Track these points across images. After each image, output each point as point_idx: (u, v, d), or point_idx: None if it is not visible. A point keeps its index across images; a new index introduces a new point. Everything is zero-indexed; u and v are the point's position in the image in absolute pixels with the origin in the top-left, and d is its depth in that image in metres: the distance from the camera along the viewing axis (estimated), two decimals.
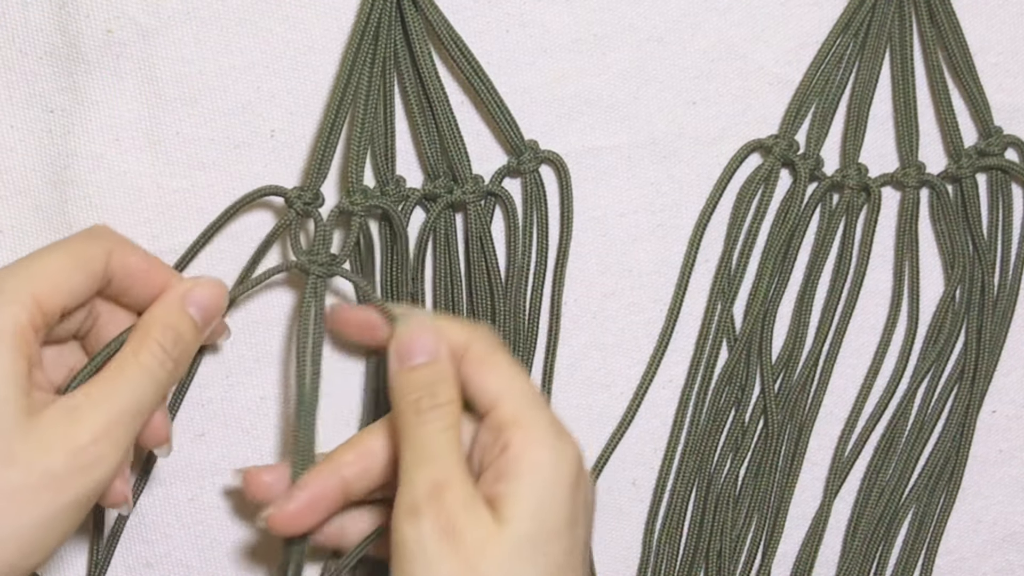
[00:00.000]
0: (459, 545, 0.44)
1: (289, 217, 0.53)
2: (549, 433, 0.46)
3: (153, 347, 0.46)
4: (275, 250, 0.55)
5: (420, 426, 0.46)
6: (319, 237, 0.52)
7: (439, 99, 0.53)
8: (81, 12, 0.52)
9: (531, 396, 0.48)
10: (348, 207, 0.52)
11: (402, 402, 0.47)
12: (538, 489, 0.45)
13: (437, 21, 0.53)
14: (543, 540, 0.44)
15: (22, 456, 0.42)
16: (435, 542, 0.44)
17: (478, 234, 0.54)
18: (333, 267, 0.51)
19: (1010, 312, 0.59)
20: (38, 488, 0.42)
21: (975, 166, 0.58)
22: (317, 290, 0.51)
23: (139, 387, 0.46)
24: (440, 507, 0.44)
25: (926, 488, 0.60)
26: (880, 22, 0.57)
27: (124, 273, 0.48)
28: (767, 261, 0.58)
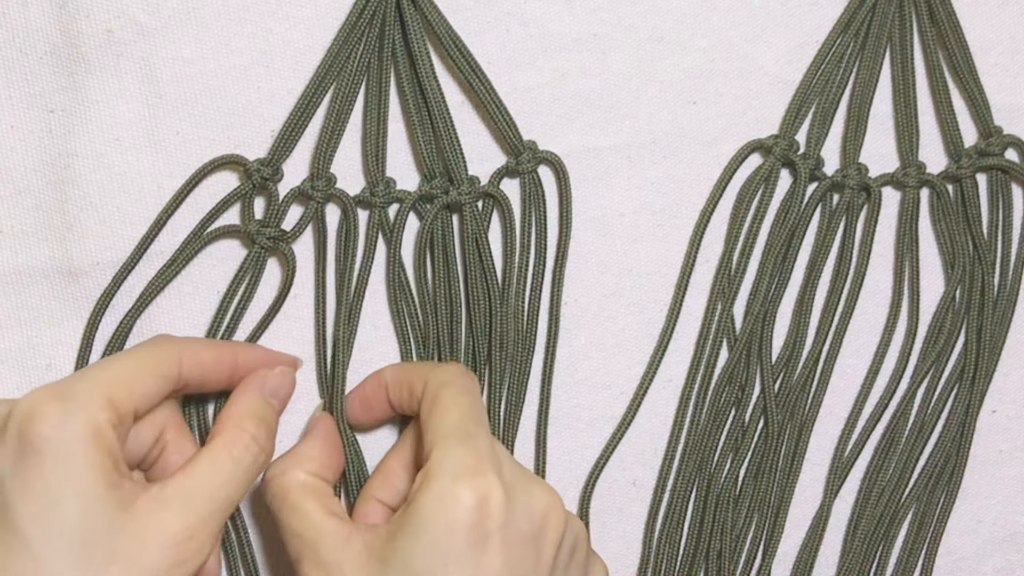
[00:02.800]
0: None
1: (246, 187, 0.53)
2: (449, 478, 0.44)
3: (248, 441, 0.47)
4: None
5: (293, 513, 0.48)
6: (271, 210, 0.53)
7: (436, 99, 0.53)
8: (81, 12, 0.52)
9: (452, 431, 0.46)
10: (307, 190, 0.53)
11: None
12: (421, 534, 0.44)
13: (436, 20, 0.53)
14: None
15: (121, 551, 0.42)
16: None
17: (474, 236, 0.54)
18: (279, 241, 0.53)
19: (1010, 312, 0.59)
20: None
21: (975, 166, 0.58)
22: (258, 260, 0.53)
23: (232, 480, 0.46)
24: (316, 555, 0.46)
25: (926, 488, 0.60)
26: (880, 22, 0.57)
27: (199, 370, 0.49)
28: (767, 261, 0.58)
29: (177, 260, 0.53)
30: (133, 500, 0.44)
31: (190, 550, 0.44)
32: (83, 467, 0.43)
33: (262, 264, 0.54)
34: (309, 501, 0.48)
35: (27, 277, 0.53)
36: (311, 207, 0.53)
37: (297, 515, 0.47)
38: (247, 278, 0.54)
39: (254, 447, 0.47)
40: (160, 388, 0.47)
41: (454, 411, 0.48)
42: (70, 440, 0.43)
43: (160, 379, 0.47)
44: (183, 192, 0.53)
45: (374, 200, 0.53)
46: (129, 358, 0.47)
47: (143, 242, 0.53)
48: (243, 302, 0.54)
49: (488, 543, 0.44)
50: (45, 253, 0.53)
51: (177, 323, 0.55)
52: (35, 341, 0.54)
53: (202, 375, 0.49)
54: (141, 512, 0.43)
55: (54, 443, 0.43)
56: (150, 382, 0.46)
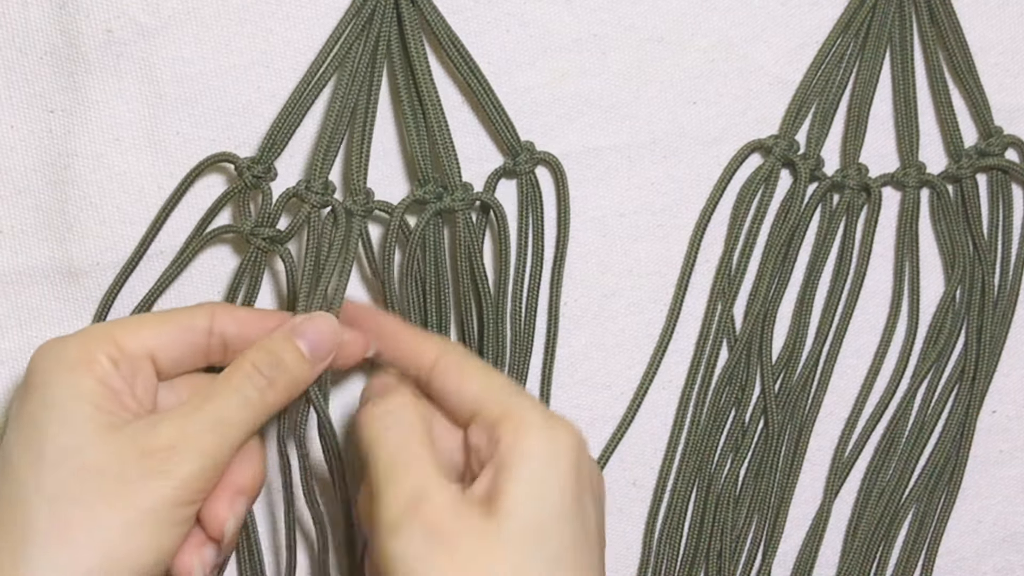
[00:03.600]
0: (453, 551, 0.43)
1: (238, 186, 0.53)
2: (539, 421, 0.45)
3: (246, 367, 0.47)
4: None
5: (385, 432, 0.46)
6: (263, 211, 0.52)
7: (432, 102, 0.53)
8: (81, 12, 0.52)
9: (514, 390, 0.47)
10: (302, 192, 0.52)
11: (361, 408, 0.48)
12: (532, 477, 0.44)
13: (435, 20, 0.53)
14: (544, 528, 0.43)
15: (94, 464, 0.43)
16: (426, 554, 0.43)
17: (466, 242, 0.54)
18: (275, 242, 0.52)
19: (1010, 312, 0.59)
20: (111, 495, 0.43)
21: (975, 166, 0.58)
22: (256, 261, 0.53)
23: (224, 400, 0.46)
24: (423, 518, 0.43)
25: (926, 488, 0.60)
26: (880, 22, 0.57)
27: (236, 328, 0.48)
28: (767, 261, 0.58)
29: (180, 259, 0.53)
30: (126, 422, 0.44)
31: (167, 460, 0.43)
32: (66, 389, 0.44)
33: (261, 264, 0.53)
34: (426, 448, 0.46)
35: (27, 277, 0.53)
36: (304, 210, 0.52)
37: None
38: (247, 279, 0.53)
39: (256, 376, 0.46)
40: (183, 339, 0.47)
41: (500, 374, 0.49)
42: (60, 366, 0.45)
43: (183, 330, 0.47)
44: (178, 192, 0.53)
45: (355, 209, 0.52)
46: (155, 313, 0.49)
47: (143, 242, 0.53)
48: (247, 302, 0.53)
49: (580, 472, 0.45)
50: (45, 253, 0.53)
51: None
52: (35, 341, 0.54)
53: (241, 332, 0.49)
54: (128, 431, 0.44)
55: (47, 372, 0.45)
56: (168, 329, 0.47)
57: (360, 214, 0.52)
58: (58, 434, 0.43)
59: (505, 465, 0.44)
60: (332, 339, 0.49)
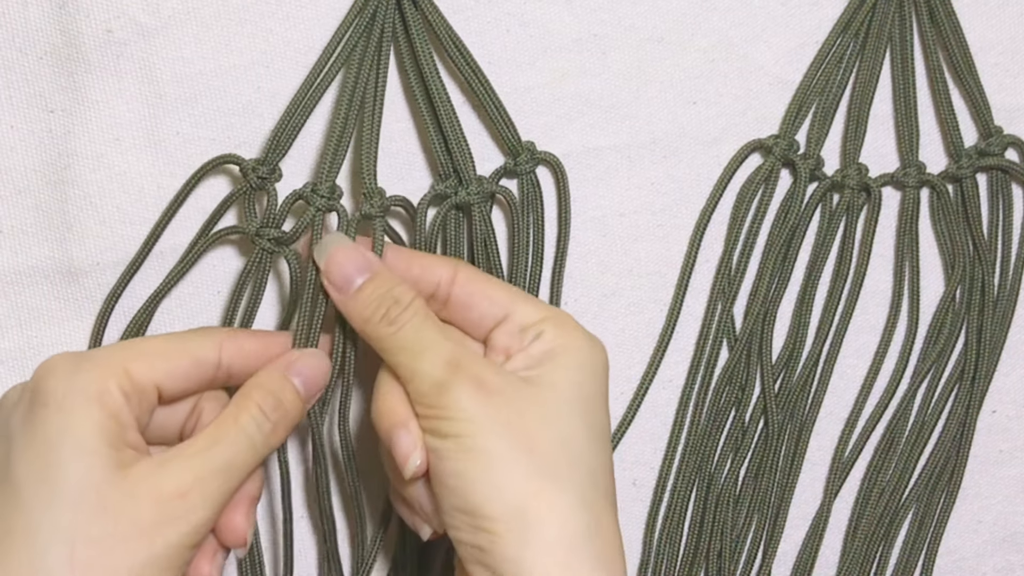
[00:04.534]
0: (503, 404, 0.45)
1: (243, 187, 0.53)
2: (581, 328, 0.48)
3: (253, 409, 0.46)
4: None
5: (401, 330, 0.47)
6: (268, 212, 0.52)
7: (442, 100, 0.53)
8: (81, 12, 0.52)
9: (546, 303, 0.50)
10: (308, 195, 0.52)
11: (369, 324, 0.48)
12: (577, 365, 0.47)
13: (436, 21, 0.53)
14: (585, 406, 0.46)
15: (111, 505, 0.42)
16: (476, 402, 0.45)
17: (483, 236, 0.54)
18: (281, 243, 0.52)
19: (1010, 312, 0.59)
20: (126, 537, 0.42)
21: (975, 166, 0.58)
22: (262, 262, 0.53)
23: (233, 446, 0.45)
24: (467, 373, 0.45)
25: (926, 488, 0.60)
26: (880, 22, 0.57)
27: (242, 360, 0.49)
28: (767, 261, 0.58)
29: (186, 260, 0.53)
30: (134, 460, 0.44)
31: (181, 507, 0.43)
32: (83, 421, 0.43)
33: (266, 266, 0.53)
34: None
35: (27, 277, 0.53)
36: (310, 213, 0.52)
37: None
38: (251, 280, 0.53)
39: (259, 417, 0.46)
40: (191, 369, 0.47)
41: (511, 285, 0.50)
42: (75, 395, 0.43)
43: (192, 362, 0.47)
44: (183, 193, 0.53)
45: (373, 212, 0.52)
46: (164, 337, 0.48)
47: (147, 242, 0.53)
48: (251, 305, 0.53)
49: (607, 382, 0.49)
50: (45, 253, 0.53)
51: (180, 325, 0.55)
52: (35, 341, 0.54)
53: (246, 364, 0.49)
54: (138, 472, 0.43)
55: (60, 396, 0.43)
56: (178, 361, 0.47)
57: (379, 215, 0.52)
58: (75, 471, 0.43)
59: (549, 351, 0.47)
60: (324, 377, 0.50)
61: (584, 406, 0.47)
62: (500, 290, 0.49)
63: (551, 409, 0.46)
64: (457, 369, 0.45)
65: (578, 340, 0.48)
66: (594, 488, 0.45)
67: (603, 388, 0.48)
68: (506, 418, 0.45)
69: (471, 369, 0.46)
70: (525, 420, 0.45)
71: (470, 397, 0.45)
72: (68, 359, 0.45)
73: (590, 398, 0.47)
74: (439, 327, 0.48)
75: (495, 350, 0.49)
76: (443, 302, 0.50)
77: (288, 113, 0.52)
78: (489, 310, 0.49)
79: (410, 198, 0.54)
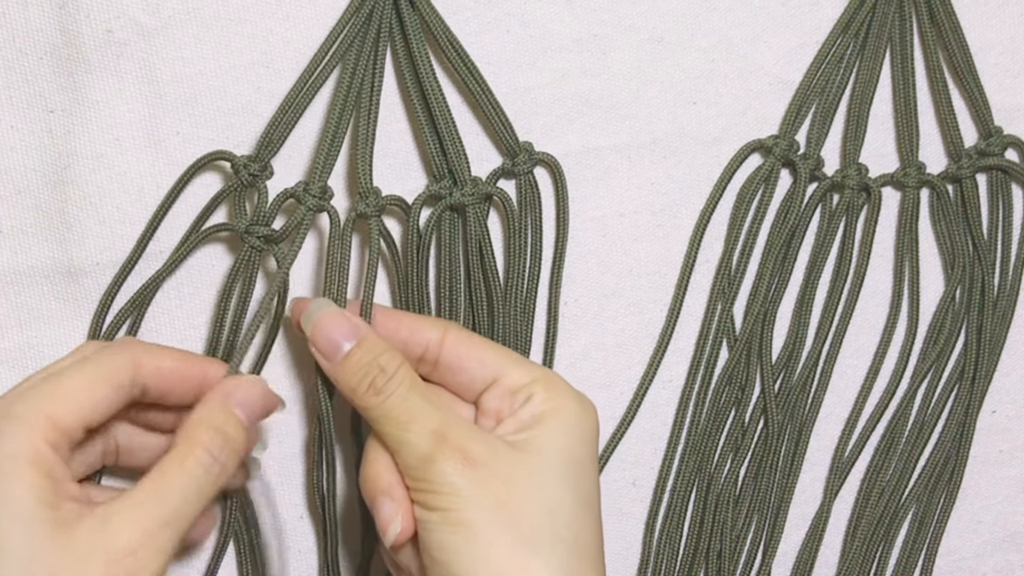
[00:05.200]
0: (491, 474, 0.44)
1: (235, 183, 0.53)
2: (570, 389, 0.48)
3: (200, 454, 0.45)
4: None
5: (388, 399, 0.46)
6: (259, 210, 0.52)
7: (437, 100, 0.53)
8: (81, 12, 0.52)
9: (536, 363, 0.49)
10: (299, 194, 0.52)
11: (356, 394, 0.47)
12: (566, 429, 0.46)
13: (433, 21, 0.53)
14: (574, 471, 0.46)
15: (60, 571, 0.41)
16: (462, 476, 0.44)
17: (477, 237, 0.54)
18: (270, 241, 0.52)
19: (1010, 312, 0.59)
20: None
21: (975, 166, 0.58)
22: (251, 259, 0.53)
23: (181, 494, 0.44)
24: (454, 446, 0.45)
25: (926, 488, 0.60)
26: (880, 22, 0.57)
27: (159, 379, 0.47)
28: (767, 261, 0.58)
29: (175, 257, 0.53)
30: (77, 519, 0.42)
31: (133, 565, 0.42)
32: (17, 488, 0.42)
33: (255, 263, 0.53)
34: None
35: (27, 277, 0.53)
36: (300, 212, 0.52)
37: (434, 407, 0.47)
38: (241, 278, 0.53)
39: (206, 459, 0.45)
40: (113, 399, 0.46)
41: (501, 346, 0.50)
42: (5, 462, 0.42)
43: (113, 390, 0.45)
44: (175, 190, 0.53)
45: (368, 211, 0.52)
46: (80, 370, 0.45)
47: (141, 241, 0.53)
48: (241, 302, 0.53)
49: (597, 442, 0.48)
50: (45, 253, 0.53)
51: (176, 323, 0.55)
52: (35, 341, 0.54)
53: (163, 386, 0.48)
54: (84, 530, 0.42)
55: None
56: (100, 395, 0.45)
57: (375, 214, 0.52)
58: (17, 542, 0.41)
59: (539, 415, 0.47)
60: (264, 403, 0.49)
61: (572, 471, 0.46)
62: (489, 352, 0.49)
63: (538, 477, 0.45)
64: (443, 441, 0.45)
65: (568, 402, 0.47)
66: (579, 558, 0.45)
67: (592, 451, 0.48)
68: (493, 490, 0.44)
69: (457, 440, 0.45)
70: (511, 490, 0.45)
71: (456, 471, 0.45)
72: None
73: (579, 463, 0.47)
74: (426, 396, 0.47)
75: (486, 414, 0.48)
76: (432, 364, 0.49)
77: (281, 111, 0.52)
78: (479, 373, 0.48)
79: (408, 199, 0.54)
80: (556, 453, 0.46)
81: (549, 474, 0.46)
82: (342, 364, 0.48)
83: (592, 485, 0.47)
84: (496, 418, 0.48)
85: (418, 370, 0.49)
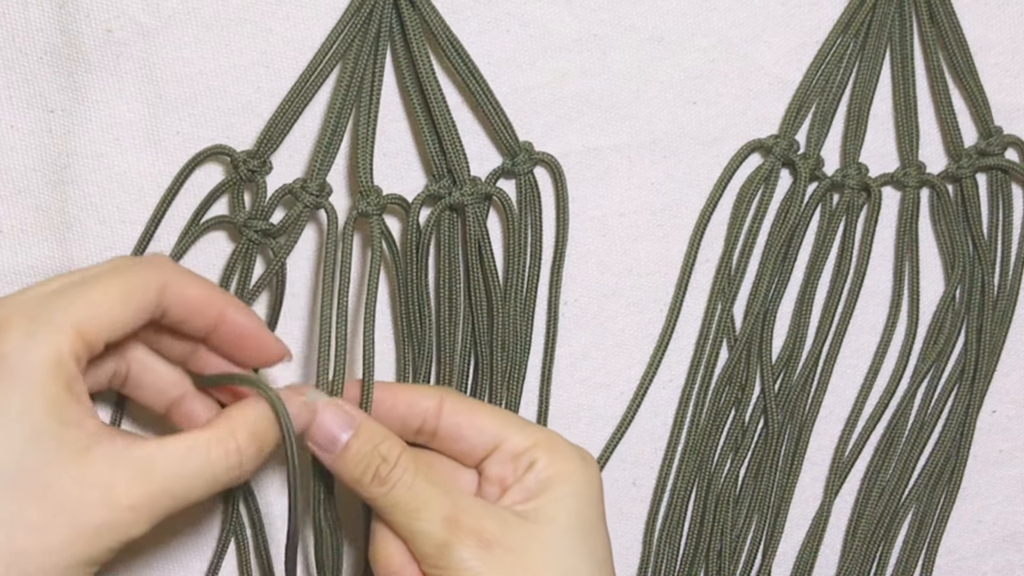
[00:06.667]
0: (507, 552, 0.45)
1: (234, 178, 0.53)
2: (570, 447, 0.48)
3: (231, 451, 0.44)
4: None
5: (393, 489, 0.46)
6: (257, 204, 0.52)
7: (437, 100, 0.53)
8: (81, 12, 0.52)
9: (530, 422, 0.49)
10: (297, 190, 0.52)
11: (360, 485, 0.47)
12: (573, 493, 0.47)
13: (433, 21, 0.53)
14: (585, 536, 0.46)
15: (56, 491, 0.40)
16: (479, 559, 0.45)
17: (476, 237, 0.54)
18: (268, 235, 0.52)
19: (1010, 312, 0.59)
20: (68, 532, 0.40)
21: (975, 166, 0.58)
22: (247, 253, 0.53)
23: (197, 476, 0.43)
24: (468, 529, 0.45)
25: (926, 488, 0.60)
26: (880, 22, 0.57)
27: (182, 306, 0.46)
28: (767, 261, 0.58)
29: (175, 250, 0.53)
30: (90, 446, 0.41)
31: (126, 520, 0.41)
32: (36, 395, 0.40)
33: (252, 257, 0.53)
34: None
35: (27, 277, 0.53)
36: (297, 208, 0.52)
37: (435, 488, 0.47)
38: (238, 269, 0.53)
39: (234, 458, 0.44)
40: (137, 316, 0.44)
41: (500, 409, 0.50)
42: (30, 363, 0.40)
43: (137, 310, 0.44)
44: (175, 185, 0.53)
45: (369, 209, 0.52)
46: (110, 281, 0.43)
47: (143, 238, 0.53)
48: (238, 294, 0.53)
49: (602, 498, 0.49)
50: (45, 253, 0.53)
51: None
52: None
53: (183, 313, 0.46)
54: (93, 460, 0.41)
55: (13, 361, 0.40)
56: (125, 311, 0.43)
57: (375, 213, 0.52)
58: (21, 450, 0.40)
59: (544, 481, 0.47)
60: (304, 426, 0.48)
61: (585, 535, 0.47)
62: (487, 418, 0.49)
63: (552, 545, 0.46)
64: (456, 526, 0.45)
65: (571, 464, 0.48)
66: None
67: (600, 510, 0.48)
68: (509, 567, 0.45)
69: (470, 523, 0.45)
70: (528, 563, 0.45)
71: (473, 555, 0.45)
72: (22, 317, 0.41)
73: (589, 525, 0.47)
74: (431, 479, 0.47)
75: (490, 481, 0.49)
76: (431, 434, 0.49)
77: (281, 108, 0.52)
78: (479, 440, 0.48)
79: (408, 198, 0.54)
80: (567, 520, 0.46)
81: (563, 542, 0.46)
82: (342, 457, 0.47)
83: (605, 545, 0.48)
84: (500, 485, 0.48)
85: (417, 440, 0.49)
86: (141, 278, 0.44)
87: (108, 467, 0.41)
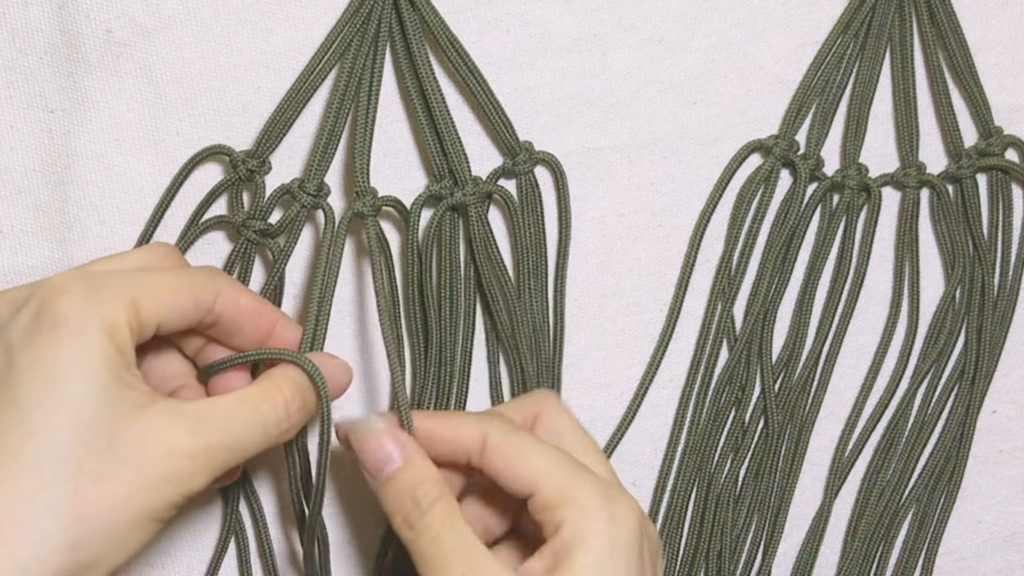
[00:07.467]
0: None
1: (233, 178, 0.53)
2: (600, 501, 0.45)
3: (278, 404, 0.46)
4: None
5: (420, 538, 0.46)
6: (255, 204, 0.53)
7: (437, 100, 0.53)
8: (81, 12, 0.52)
9: (571, 467, 0.46)
10: (295, 191, 0.52)
11: (394, 522, 0.47)
12: (595, 563, 0.44)
13: (433, 21, 0.53)
14: None
15: (120, 447, 0.41)
16: None
17: (482, 236, 0.54)
18: (266, 235, 0.52)
19: (1010, 312, 0.59)
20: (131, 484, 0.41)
21: (975, 166, 0.58)
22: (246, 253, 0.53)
23: (247, 428, 0.44)
24: None
25: (926, 488, 0.60)
26: (880, 22, 0.57)
27: (234, 313, 0.47)
28: (767, 261, 0.58)
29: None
30: (146, 403, 0.42)
31: (186, 470, 0.42)
32: (97, 353, 0.42)
33: (250, 256, 0.53)
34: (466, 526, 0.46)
35: (27, 277, 0.53)
36: (295, 209, 0.52)
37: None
38: (236, 268, 0.53)
39: (282, 411, 0.45)
40: (189, 311, 0.46)
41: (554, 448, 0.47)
42: (88, 324, 0.42)
43: (192, 302, 0.46)
44: (174, 185, 0.53)
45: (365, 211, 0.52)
46: (169, 271, 0.46)
47: (142, 238, 0.53)
48: None
49: (642, 545, 0.46)
50: (45, 253, 0.53)
51: None
52: None
53: (235, 319, 0.47)
54: (152, 416, 0.42)
55: (72, 322, 0.42)
56: (181, 301, 0.45)
57: (371, 214, 0.52)
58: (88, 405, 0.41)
59: (568, 549, 0.44)
60: (344, 387, 0.49)
61: None
62: (526, 463, 0.46)
63: None
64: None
65: (596, 526, 0.45)
66: None
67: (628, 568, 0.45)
68: None
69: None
70: None
71: None
72: (82, 282, 0.43)
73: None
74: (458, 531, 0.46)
75: (524, 531, 0.48)
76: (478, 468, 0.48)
77: (280, 108, 0.52)
78: (515, 486, 0.47)
79: (409, 199, 0.54)
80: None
81: None
82: (384, 486, 0.47)
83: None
84: (535, 533, 0.47)
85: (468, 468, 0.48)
86: (203, 276, 0.46)
87: (167, 421, 0.43)
